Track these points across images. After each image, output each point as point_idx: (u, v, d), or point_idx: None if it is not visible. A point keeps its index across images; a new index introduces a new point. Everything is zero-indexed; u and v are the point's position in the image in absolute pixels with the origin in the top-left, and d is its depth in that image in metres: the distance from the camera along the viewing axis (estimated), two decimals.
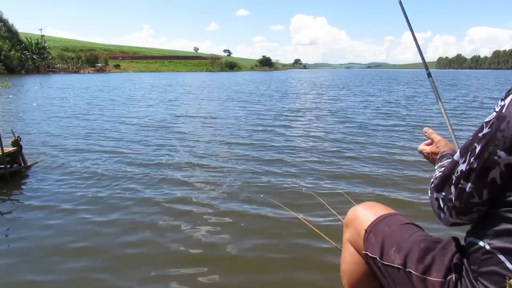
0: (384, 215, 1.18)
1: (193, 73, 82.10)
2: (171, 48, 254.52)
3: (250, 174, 4.75)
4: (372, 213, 1.21)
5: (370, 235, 1.14)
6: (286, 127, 8.67)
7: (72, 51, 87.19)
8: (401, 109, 12.09)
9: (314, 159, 5.50)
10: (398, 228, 1.10)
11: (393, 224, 1.12)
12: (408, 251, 0.98)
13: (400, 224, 1.12)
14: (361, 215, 1.24)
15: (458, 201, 0.84)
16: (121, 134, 7.79)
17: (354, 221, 1.25)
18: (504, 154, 0.71)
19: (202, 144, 6.71)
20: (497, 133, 0.72)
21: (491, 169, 0.75)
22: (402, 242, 1.03)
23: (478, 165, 0.77)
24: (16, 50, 60.21)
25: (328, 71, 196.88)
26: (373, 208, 1.25)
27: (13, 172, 4.70)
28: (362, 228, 1.19)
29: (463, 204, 0.84)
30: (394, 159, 5.44)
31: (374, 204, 1.30)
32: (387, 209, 1.24)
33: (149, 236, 3.04)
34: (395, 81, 37.76)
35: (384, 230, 1.11)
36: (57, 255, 2.75)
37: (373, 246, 1.10)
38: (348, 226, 1.29)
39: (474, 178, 0.79)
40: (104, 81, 36.24)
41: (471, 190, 0.80)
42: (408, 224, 1.12)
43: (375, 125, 8.78)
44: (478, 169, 0.77)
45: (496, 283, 0.75)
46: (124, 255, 2.74)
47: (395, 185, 4.27)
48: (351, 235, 1.26)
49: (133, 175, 4.70)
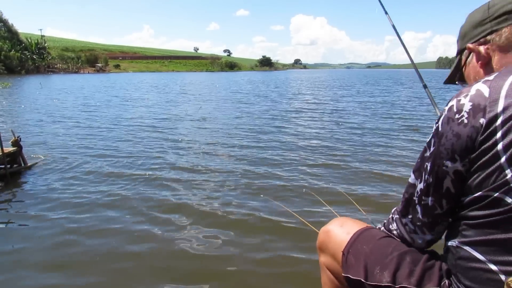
0: (358, 231, 1.13)
1: (193, 73, 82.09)
2: (171, 48, 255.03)
3: (250, 174, 4.75)
4: (344, 232, 1.15)
5: (349, 257, 1.08)
6: (285, 127, 8.67)
7: (72, 51, 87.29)
8: (399, 110, 12.10)
9: (314, 159, 5.50)
10: (376, 244, 1.06)
11: (370, 241, 1.08)
12: (396, 267, 0.96)
13: (377, 239, 1.08)
14: (333, 236, 1.17)
15: (426, 217, 0.93)
16: (121, 134, 7.79)
17: (327, 243, 1.19)
18: (450, 163, 0.82)
19: (200, 145, 6.71)
20: (440, 148, 0.83)
21: (443, 179, 0.85)
22: (385, 259, 1.00)
23: (432, 180, 0.87)
24: (16, 50, 60.27)
25: (328, 71, 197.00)
26: (343, 225, 1.19)
27: (13, 172, 4.70)
28: (337, 250, 1.14)
29: (430, 218, 0.92)
30: (393, 158, 5.44)
31: (344, 220, 1.23)
32: (358, 224, 1.19)
33: (148, 236, 3.04)
34: (396, 81, 37.76)
35: (363, 249, 1.06)
36: (56, 254, 2.75)
37: (355, 268, 1.05)
38: (322, 250, 1.22)
39: (432, 191, 0.89)
40: (104, 81, 36.25)
41: (433, 203, 0.90)
42: (385, 238, 1.08)
43: (375, 125, 8.79)
44: (433, 182, 0.87)
45: (474, 279, 0.79)
46: (123, 256, 2.74)
47: (396, 183, 4.26)
48: (326, 259, 1.21)
49: (133, 176, 4.70)
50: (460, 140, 0.78)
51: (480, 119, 0.75)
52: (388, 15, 1.66)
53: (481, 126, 0.75)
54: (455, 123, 0.79)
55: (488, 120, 0.74)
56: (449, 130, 0.81)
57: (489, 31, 0.88)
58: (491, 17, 0.88)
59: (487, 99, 0.75)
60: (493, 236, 0.75)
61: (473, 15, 0.95)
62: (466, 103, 0.78)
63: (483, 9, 0.91)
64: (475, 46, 0.92)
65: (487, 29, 0.89)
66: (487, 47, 0.89)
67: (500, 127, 0.72)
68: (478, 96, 0.77)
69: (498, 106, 0.74)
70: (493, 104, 0.74)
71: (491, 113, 0.74)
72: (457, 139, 0.79)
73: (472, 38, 0.93)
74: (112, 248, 2.84)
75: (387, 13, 1.66)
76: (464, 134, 0.77)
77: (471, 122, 0.76)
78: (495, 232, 0.74)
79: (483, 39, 0.90)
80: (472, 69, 0.96)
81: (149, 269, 2.53)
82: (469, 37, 0.94)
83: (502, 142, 0.72)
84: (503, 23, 0.86)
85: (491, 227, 0.75)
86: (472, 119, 0.76)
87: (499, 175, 0.73)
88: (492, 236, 0.75)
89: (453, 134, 0.80)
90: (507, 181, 0.71)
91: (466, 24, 0.97)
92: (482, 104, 0.76)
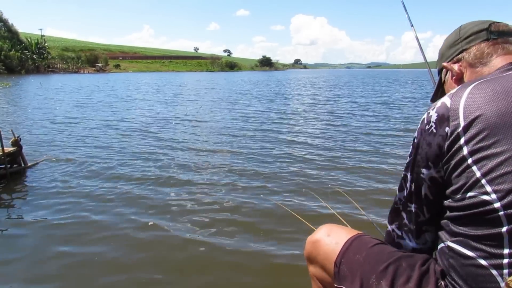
0: (349, 240, 1.10)
1: (193, 73, 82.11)
2: (171, 48, 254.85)
3: (250, 174, 4.75)
4: (333, 242, 1.13)
5: (341, 268, 1.06)
6: (285, 127, 8.68)
7: (72, 51, 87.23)
8: (399, 110, 12.10)
9: (314, 159, 5.50)
10: (369, 252, 1.04)
11: (363, 249, 1.06)
12: (393, 275, 0.96)
13: (369, 247, 1.06)
14: (321, 247, 1.14)
15: (411, 224, 1.00)
16: (121, 134, 7.80)
17: (316, 255, 1.16)
18: (425, 170, 0.90)
19: (197, 145, 6.71)
20: (417, 157, 0.93)
21: (421, 186, 0.93)
22: (380, 267, 0.98)
23: (413, 187, 0.96)
24: (16, 50, 60.24)
25: (328, 71, 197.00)
26: (331, 234, 1.16)
27: (13, 172, 4.71)
28: (327, 261, 1.11)
29: (414, 225, 0.99)
30: (394, 158, 5.44)
31: (331, 228, 1.19)
32: (346, 231, 1.16)
33: (148, 237, 3.04)
34: (396, 81, 37.76)
35: (356, 259, 1.04)
36: (55, 255, 2.75)
37: (349, 279, 1.03)
38: (311, 261, 1.19)
39: (414, 198, 0.97)
40: (104, 82, 36.26)
41: (416, 210, 0.97)
42: (377, 245, 1.07)
43: (376, 125, 8.79)
44: (413, 190, 0.96)
45: (467, 276, 0.81)
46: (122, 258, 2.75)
47: (395, 182, 4.27)
48: (315, 270, 1.18)
49: (133, 177, 4.71)
50: (431, 149, 0.87)
51: (445, 128, 0.84)
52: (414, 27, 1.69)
53: (446, 134, 0.84)
54: (427, 134, 0.89)
55: (452, 127, 0.83)
56: (422, 140, 0.90)
57: (460, 50, 1.02)
58: (462, 38, 1.02)
59: (450, 110, 0.85)
60: (478, 232, 0.78)
61: (448, 37, 1.09)
62: (433, 114, 0.88)
63: (456, 32, 1.05)
64: (450, 64, 1.04)
65: (459, 49, 1.02)
66: (460, 64, 1.02)
67: (463, 133, 0.81)
68: (442, 108, 0.86)
69: (459, 114, 0.83)
70: (455, 114, 0.83)
71: (453, 122, 0.83)
72: (429, 148, 0.88)
73: (448, 58, 1.06)
74: (113, 248, 2.84)
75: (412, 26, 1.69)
76: (434, 142, 0.86)
77: (439, 131, 0.85)
78: (479, 229, 0.78)
79: (456, 58, 1.03)
80: (449, 85, 1.06)
81: (150, 269, 2.53)
82: (445, 57, 1.07)
83: (466, 146, 0.80)
84: (472, 42, 1.00)
85: (474, 224, 0.80)
86: (439, 129, 0.86)
87: (469, 175, 0.79)
88: (476, 232, 0.79)
89: (426, 143, 0.89)
90: (477, 180, 0.78)
91: (443, 46, 1.10)
92: (446, 114, 0.85)
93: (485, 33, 0.99)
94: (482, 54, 0.99)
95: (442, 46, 1.11)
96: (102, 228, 3.20)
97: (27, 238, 3.03)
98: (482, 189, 0.77)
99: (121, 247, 2.85)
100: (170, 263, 2.62)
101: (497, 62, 0.96)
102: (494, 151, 0.77)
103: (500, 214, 0.75)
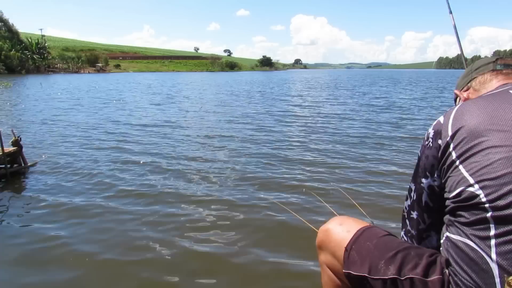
0: (361, 229, 1.16)
1: (193, 73, 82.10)
2: (171, 48, 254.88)
3: (250, 174, 4.75)
4: (344, 230, 1.18)
5: (351, 253, 1.11)
6: (285, 127, 8.68)
7: (72, 51, 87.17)
8: (400, 110, 12.09)
9: (314, 159, 5.50)
10: (379, 241, 1.10)
11: (373, 238, 1.12)
12: (401, 261, 1.01)
13: (379, 237, 1.12)
14: (333, 235, 1.20)
15: (413, 230, 1.16)
16: (121, 134, 7.80)
17: (327, 242, 1.21)
18: (424, 179, 1.06)
19: (197, 146, 6.72)
20: (419, 168, 1.09)
21: (421, 194, 1.09)
22: (389, 254, 1.04)
23: (415, 196, 1.12)
24: (17, 50, 60.21)
25: (328, 71, 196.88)
26: (343, 224, 1.22)
27: (14, 172, 4.71)
28: (337, 248, 1.17)
29: (416, 231, 1.15)
30: (395, 159, 5.44)
31: (343, 219, 1.26)
32: (359, 222, 1.22)
33: (148, 238, 3.04)
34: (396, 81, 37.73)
35: (367, 245, 1.10)
36: (55, 255, 2.75)
37: (358, 264, 1.09)
38: (322, 248, 1.25)
39: (416, 206, 1.12)
40: (104, 82, 36.25)
41: (417, 217, 1.13)
42: (387, 235, 1.13)
43: (376, 124, 8.79)
44: (415, 198, 1.12)
45: (468, 264, 0.88)
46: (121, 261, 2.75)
47: (398, 184, 4.26)
48: (326, 257, 1.23)
49: (133, 177, 4.71)
50: (429, 160, 1.03)
51: (439, 141, 1.00)
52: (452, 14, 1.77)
53: (439, 146, 0.99)
54: (426, 148, 1.05)
55: (444, 139, 0.98)
56: (423, 154, 1.06)
57: (470, 79, 1.22)
58: (473, 69, 1.23)
59: (442, 125, 1.01)
60: (468, 219, 0.89)
61: (464, 72, 1.29)
62: (431, 131, 1.04)
63: (470, 66, 1.27)
64: (460, 92, 1.25)
65: (469, 78, 1.23)
66: (468, 91, 1.22)
67: (451, 140, 0.96)
68: (437, 125, 1.03)
69: (448, 127, 0.99)
70: (445, 127, 0.99)
71: (444, 133, 0.99)
72: (427, 160, 1.04)
73: (461, 86, 1.27)
74: (113, 248, 2.85)
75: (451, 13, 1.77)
76: (431, 154, 1.02)
77: (434, 144, 1.01)
78: (468, 216, 0.89)
79: (467, 86, 1.23)
80: None
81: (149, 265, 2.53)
82: (459, 86, 1.28)
83: (454, 151, 0.94)
84: (479, 72, 1.20)
85: (465, 213, 0.90)
86: (434, 142, 1.02)
87: (458, 173, 0.93)
88: (467, 220, 0.89)
89: (425, 156, 1.05)
90: (463, 176, 0.91)
91: (459, 78, 1.30)
92: (439, 129, 1.01)
93: (492, 65, 1.17)
94: (485, 80, 1.17)
95: (459, 78, 1.31)
96: (103, 227, 3.20)
97: (27, 238, 3.03)
98: (467, 182, 0.89)
99: (122, 247, 2.85)
100: (162, 264, 2.62)
101: (493, 84, 1.14)
102: (474, 151, 0.90)
103: (483, 201, 0.85)
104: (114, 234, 3.08)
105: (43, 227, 3.23)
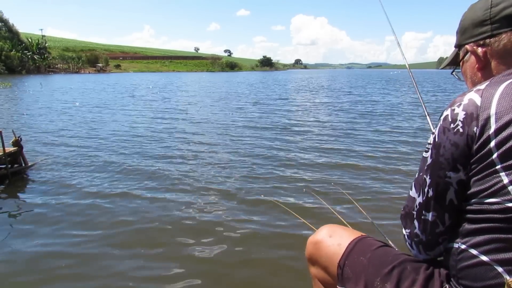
0: (353, 242, 1.08)
1: (193, 73, 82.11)
2: (171, 48, 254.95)
3: (250, 174, 4.76)
4: (335, 243, 1.10)
5: (345, 269, 1.04)
6: (285, 127, 8.68)
7: (72, 51, 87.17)
8: (400, 110, 12.09)
9: (314, 159, 5.50)
10: (373, 255, 1.02)
11: (367, 251, 1.04)
12: (398, 278, 0.94)
13: (373, 250, 1.04)
14: (324, 248, 1.11)
15: (424, 235, 0.92)
16: (120, 134, 7.81)
17: (319, 256, 1.13)
18: (452, 173, 0.81)
19: (198, 146, 6.72)
20: (439, 158, 0.83)
21: (446, 191, 0.84)
22: (384, 270, 0.97)
23: (433, 193, 0.86)
24: (17, 50, 60.26)
25: (328, 71, 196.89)
26: (333, 235, 1.12)
27: (14, 172, 4.71)
28: (330, 263, 1.09)
29: (430, 236, 0.91)
30: (395, 158, 5.44)
31: (332, 229, 1.16)
32: (350, 232, 1.13)
33: (150, 238, 3.05)
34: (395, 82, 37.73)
35: (360, 261, 1.02)
36: (54, 255, 2.76)
37: (353, 281, 1.01)
38: (313, 262, 1.17)
39: (433, 205, 0.87)
40: (104, 82, 36.26)
41: (434, 219, 0.87)
42: (381, 247, 1.05)
43: (377, 124, 8.80)
44: (434, 195, 0.86)
45: (476, 280, 0.79)
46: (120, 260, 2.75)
47: (398, 183, 4.27)
48: (317, 271, 1.16)
49: (133, 176, 4.71)
50: (458, 149, 0.79)
51: (474, 128, 0.77)
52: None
53: (475, 135, 0.76)
54: (451, 133, 0.80)
55: (481, 128, 0.76)
56: (446, 140, 0.81)
57: (489, 34, 0.86)
58: (492, 19, 0.85)
59: (479, 108, 0.77)
60: (493, 236, 0.76)
61: (475, 10, 0.90)
62: (460, 112, 0.79)
63: (486, 6, 0.87)
64: (474, 47, 0.90)
65: (487, 32, 0.86)
66: (485, 50, 0.87)
67: (494, 136, 0.74)
68: (471, 105, 0.78)
69: (490, 115, 0.75)
70: (485, 113, 0.76)
71: (483, 122, 0.76)
72: (456, 149, 0.80)
73: (472, 37, 0.90)
74: (113, 248, 2.85)
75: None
76: (461, 143, 0.78)
77: (466, 131, 0.78)
78: (496, 233, 0.75)
79: (482, 41, 0.87)
80: (469, 68, 0.95)
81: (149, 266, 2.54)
82: (469, 35, 0.91)
83: (496, 150, 0.74)
84: (503, 28, 0.83)
85: (493, 229, 0.76)
86: (467, 128, 0.78)
87: (495, 180, 0.74)
88: (492, 237, 0.76)
89: (451, 143, 0.80)
90: (504, 186, 0.73)
91: (467, 18, 0.92)
92: (475, 113, 0.77)
93: None
94: None
95: (466, 18, 0.92)
96: (103, 227, 3.20)
97: (27, 237, 3.04)
98: (508, 196, 0.73)
99: (124, 247, 2.86)
100: (163, 264, 2.63)
101: None
102: None
103: None
104: (115, 234, 3.08)
105: (43, 227, 3.23)
